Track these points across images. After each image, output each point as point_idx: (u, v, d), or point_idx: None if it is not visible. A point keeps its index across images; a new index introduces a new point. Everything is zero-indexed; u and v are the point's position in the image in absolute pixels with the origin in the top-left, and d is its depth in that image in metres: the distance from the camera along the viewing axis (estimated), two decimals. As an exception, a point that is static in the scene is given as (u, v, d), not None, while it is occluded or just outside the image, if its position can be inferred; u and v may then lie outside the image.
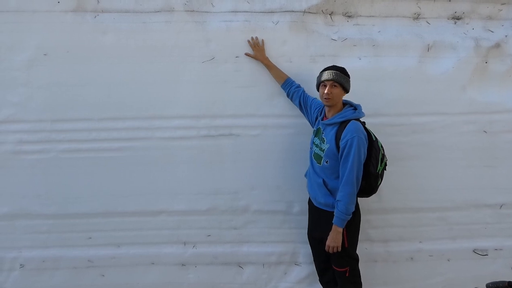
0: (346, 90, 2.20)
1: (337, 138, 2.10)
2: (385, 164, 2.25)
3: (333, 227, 2.13)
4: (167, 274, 2.73)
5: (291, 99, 2.50)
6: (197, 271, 2.74)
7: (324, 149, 2.17)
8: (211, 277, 2.75)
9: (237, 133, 2.62)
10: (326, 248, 2.17)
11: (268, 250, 2.73)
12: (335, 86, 2.13)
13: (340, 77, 2.14)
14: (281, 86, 2.51)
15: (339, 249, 2.15)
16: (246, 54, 2.55)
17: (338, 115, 2.16)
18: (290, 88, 2.46)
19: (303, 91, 2.45)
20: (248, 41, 2.54)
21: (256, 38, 2.53)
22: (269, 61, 2.53)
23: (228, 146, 2.62)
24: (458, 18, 2.63)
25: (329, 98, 2.14)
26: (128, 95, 2.55)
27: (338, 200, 2.10)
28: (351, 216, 2.11)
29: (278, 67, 2.53)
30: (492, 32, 2.62)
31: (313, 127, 2.38)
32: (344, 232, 2.17)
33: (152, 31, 2.51)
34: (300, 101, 2.43)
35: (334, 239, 2.13)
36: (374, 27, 2.61)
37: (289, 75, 2.51)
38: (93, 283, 2.72)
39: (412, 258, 2.76)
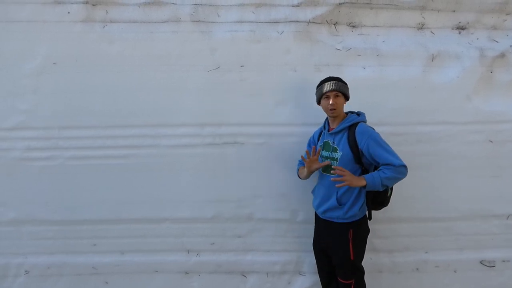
0: (347, 97, 2.25)
1: (350, 142, 2.11)
2: None
3: (362, 177, 2.03)
4: (170, 282, 2.72)
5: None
6: (200, 280, 2.73)
7: (337, 158, 2.16)
8: (215, 286, 2.73)
9: (242, 142, 2.63)
10: (337, 177, 2.04)
11: (272, 259, 2.72)
12: (337, 95, 2.18)
13: (340, 86, 2.19)
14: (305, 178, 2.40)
15: (346, 184, 2.01)
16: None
17: (344, 121, 2.19)
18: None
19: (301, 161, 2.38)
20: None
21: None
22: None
23: (232, 154, 2.63)
24: (463, 28, 2.63)
25: (334, 109, 2.17)
26: (134, 103, 2.58)
27: (384, 169, 2.01)
28: (379, 188, 2.02)
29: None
30: (497, 42, 2.62)
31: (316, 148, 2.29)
32: (350, 244, 2.16)
33: (159, 40, 2.54)
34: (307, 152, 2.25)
35: (353, 179, 2.02)
36: (379, 37, 2.62)
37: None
38: (97, 290, 2.73)
39: (417, 269, 2.72)
